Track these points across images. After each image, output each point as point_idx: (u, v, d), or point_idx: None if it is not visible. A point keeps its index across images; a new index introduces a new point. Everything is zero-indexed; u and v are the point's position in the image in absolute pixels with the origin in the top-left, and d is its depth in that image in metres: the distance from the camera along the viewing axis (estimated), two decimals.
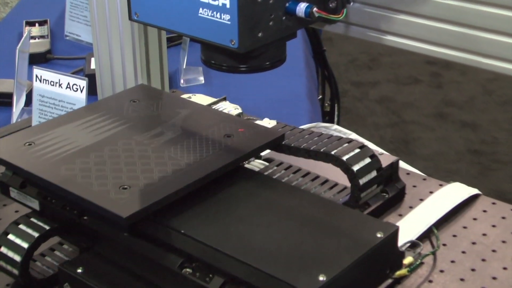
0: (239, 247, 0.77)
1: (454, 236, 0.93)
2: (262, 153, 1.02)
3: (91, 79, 1.25)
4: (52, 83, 1.22)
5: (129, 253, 0.81)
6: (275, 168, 0.99)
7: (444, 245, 0.91)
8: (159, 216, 0.81)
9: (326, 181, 0.96)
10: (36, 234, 0.84)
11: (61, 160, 0.87)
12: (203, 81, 1.65)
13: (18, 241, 0.84)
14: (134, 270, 0.81)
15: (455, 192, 0.99)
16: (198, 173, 0.85)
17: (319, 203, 0.85)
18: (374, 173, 0.90)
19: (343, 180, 0.92)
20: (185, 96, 1.13)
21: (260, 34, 0.81)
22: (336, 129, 1.22)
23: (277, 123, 1.06)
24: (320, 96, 2.02)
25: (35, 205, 0.88)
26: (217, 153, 0.88)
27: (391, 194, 0.97)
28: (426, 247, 0.90)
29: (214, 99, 1.12)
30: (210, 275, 0.76)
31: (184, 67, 1.66)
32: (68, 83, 1.20)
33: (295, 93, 1.61)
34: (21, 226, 0.85)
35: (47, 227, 0.85)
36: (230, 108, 1.10)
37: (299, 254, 0.76)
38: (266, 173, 0.97)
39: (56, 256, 0.89)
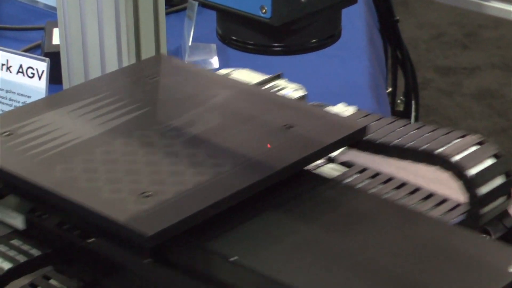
0: (315, 280, 0.78)
1: None
2: (336, 154, 1.03)
3: (54, 59, 1.26)
4: None
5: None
6: (356, 176, 1.00)
7: None
8: (195, 236, 0.83)
9: (431, 195, 0.97)
10: (21, 259, 0.86)
11: (56, 157, 0.89)
12: (217, 65, 1.66)
13: None
14: None
15: None
16: (247, 178, 0.86)
17: (424, 222, 0.87)
18: (499, 180, 0.92)
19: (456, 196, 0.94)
20: (223, 71, 1.15)
21: None
22: None
23: (357, 110, 1.08)
24: (390, 89, 2.02)
25: (18, 221, 0.90)
26: (274, 151, 0.90)
27: (496, 235, 0.97)
28: None
29: (265, 76, 1.14)
30: None
31: (190, 43, 1.67)
32: (20, 66, 1.22)
33: (354, 83, 1.61)
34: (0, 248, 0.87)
35: (35, 253, 0.87)
36: (289, 89, 1.12)
37: None
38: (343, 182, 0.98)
39: None
